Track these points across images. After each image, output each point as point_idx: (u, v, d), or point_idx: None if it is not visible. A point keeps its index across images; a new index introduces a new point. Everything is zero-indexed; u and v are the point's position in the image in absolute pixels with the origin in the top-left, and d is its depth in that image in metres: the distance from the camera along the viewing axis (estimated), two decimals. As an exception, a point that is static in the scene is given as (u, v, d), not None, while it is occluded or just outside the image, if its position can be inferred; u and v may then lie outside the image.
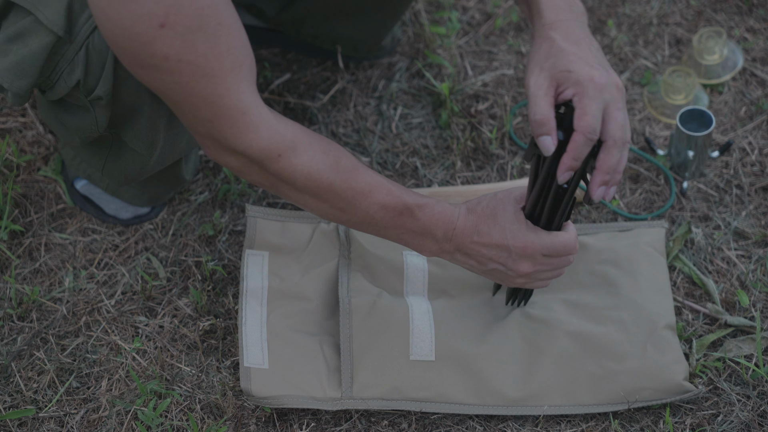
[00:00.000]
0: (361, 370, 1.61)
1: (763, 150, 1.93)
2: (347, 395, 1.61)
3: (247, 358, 1.63)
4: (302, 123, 1.95)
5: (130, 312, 1.74)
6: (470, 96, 1.99)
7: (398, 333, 1.63)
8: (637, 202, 1.87)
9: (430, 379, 1.62)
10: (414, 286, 1.70)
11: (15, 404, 1.65)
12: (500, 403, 1.63)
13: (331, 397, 1.61)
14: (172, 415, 1.64)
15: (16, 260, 1.78)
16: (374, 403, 1.61)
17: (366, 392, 1.61)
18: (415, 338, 1.63)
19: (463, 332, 1.65)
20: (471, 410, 1.62)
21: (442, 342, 1.63)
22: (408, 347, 1.62)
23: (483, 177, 1.89)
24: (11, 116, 1.94)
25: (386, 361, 1.62)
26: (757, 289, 1.77)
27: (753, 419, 1.64)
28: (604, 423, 1.64)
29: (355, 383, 1.61)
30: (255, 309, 1.67)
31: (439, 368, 1.62)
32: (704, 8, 2.11)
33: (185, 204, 1.85)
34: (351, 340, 1.62)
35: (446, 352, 1.63)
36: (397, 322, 1.64)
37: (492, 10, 2.11)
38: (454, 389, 1.63)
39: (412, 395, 1.62)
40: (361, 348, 1.62)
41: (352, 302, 1.64)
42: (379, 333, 1.63)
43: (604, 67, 1.41)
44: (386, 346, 1.62)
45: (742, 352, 1.70)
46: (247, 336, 1.65)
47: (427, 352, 1.63)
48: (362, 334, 1.63)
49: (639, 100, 1.99)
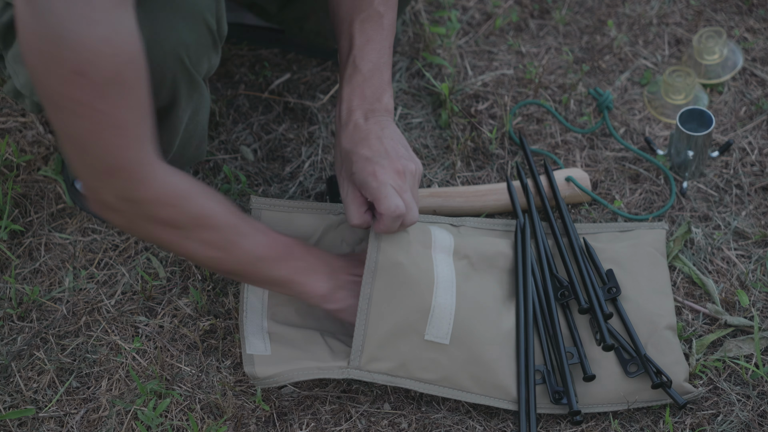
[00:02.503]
0: (373, 340, 1.58)
1: (763, 150, 1.93)
2: (354, 365, 1.58)
3: (248, 347, 1.62)
4: (302, 123, 1.95)
5: (130, 312, 1.74)
6: (470, 96, 1.99)
7: (419, 308, 1.59)
8: (637, 202, 1.87)
9: (440, 362, 1.60)
10: (443, 244, 1.67)
11: (15, 404, 1.65)
12: (502, 397, 1.62)
13: (337, 366, 1.59)
14: (172, 415, 1.64)
15: (16, 260, 1.78)
16: (380, 378, 1.59)
17: (373, 365, 1.59)
18: (434, 318, 1.60)
19: (482, 313, 1.63)
20: (473, 399, 1.61)
21: (459, 324, 1.60)
22: (425, 325, 1.59)
23: (483, 177, 1.89)
24: (11, 116, 1.94)
25: (400, 335, 1.58)
26: (756, 289, 1.77)
27: (753, 419, 1.64)
28: (604, 423, 1.64)
29: (365, 353, 1.58)
30: (255, 302, 1.66)
31: (450, 353, 1.60)
32: (704, 8, 2.11)
33: (185, 204, 1.85)
34: (370, 302, 1.58)
35: (462, 335, 1.60)
36: (421, 295, 1.59)
37: (492, 10, 2.11)
38: (461, 376, 1.61)
39: (418, 375, 1.60)
40: (378, 314, 1.58)
41: (380, 260, 1.58)
42: (399, 304, 1.59)
43: (385, 156, 1.54)
44: (404, 320, 1.58)
45: (742, 352, 1.70)
46: (248, 326, 1.64)
47: (443, 335, 1.60)
48: (382, 301, 1.58)
49: (639, 100, 1.99)
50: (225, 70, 2.00)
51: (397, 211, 1.52)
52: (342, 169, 1.58)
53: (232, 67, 2.01)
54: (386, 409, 1.65)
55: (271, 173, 1.89)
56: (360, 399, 1.66)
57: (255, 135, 1.93)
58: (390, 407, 1.66)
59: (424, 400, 1.66)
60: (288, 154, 1.91)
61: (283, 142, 1.93)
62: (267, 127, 1.94)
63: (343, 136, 1.58)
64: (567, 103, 1.98)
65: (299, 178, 1.88)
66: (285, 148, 1.92)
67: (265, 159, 1.91)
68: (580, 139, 1.94)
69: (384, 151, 1.55)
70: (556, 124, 1.96)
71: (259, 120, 1.95)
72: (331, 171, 1.89)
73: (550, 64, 2.04)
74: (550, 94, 2.00)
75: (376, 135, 1.56)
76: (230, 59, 2.02)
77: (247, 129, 1.94)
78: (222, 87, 1.98)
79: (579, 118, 1.97)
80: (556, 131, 1.95)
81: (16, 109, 1.94)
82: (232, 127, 1.94)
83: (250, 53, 2.03)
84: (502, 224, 1.79)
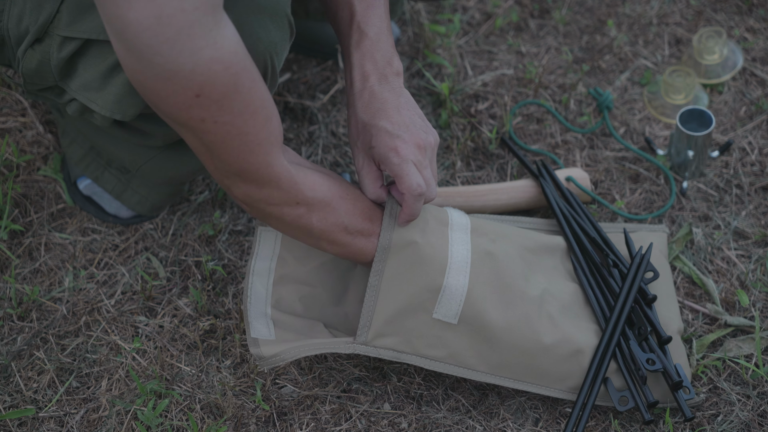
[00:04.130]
0: (381, 316, 1.56)
1: (763, 150, 1.93)
2: (361, 339, 1.57)
3: (253, 330, 1.60)
4: (302, 123, 1.95)
5: (130, 312, 1.74)
6: (470, 96, 1.99)
7: (429, 288, 1.57)
8: (637, 202, 1.87)
9: (447, 339, 1.58)
10: (459, 222, 1.65)
11: (15, 404, 1.65)
12: (510, 376, 1.61)
13: (343, 341, 1.57)
14: (172, 415, 1.64)
15: (16, 260, 1.78)
16: (386, 353, 1.57)
17: (379, 341, 1.57)
18: (444, 298, 1.57)
19: (495, 294, 1.60)
20: (480, 377, 1.60)
21: (470, 305, 1.58)
22: (435, 304, 1.57)
23: (483, 177, 1.89)
24: (11, 116, 1.94)
25: (408, 312, 1.57)
26: (756, 289, 1.77)
27: (753, 419, 1.64)
28: (604, 423, 1.64)
29: (372, 329, 1.57)
30: (260, 289, 1.65)
31: (458, 332, 1.58)
32: (704, 8, 2.11)
33: (185, 204, 1.85)
34: (381, 278, 1.56)
35: (470, 317, 1.58)
36: (432, 274, 1.57)
37: (492, 10, 2.11)
38: (467, 354, 1.59)
39: (424, 352, 1.58)
40: (388, 290, 1.56)
41: (393, 238, 1.56)
42: (410, 282, 1.57)
43: (406, 129, 1.52)
44: (413, 299, 1.57)
45: (742, 352, 1.70)
46: (252, 312, 1.63)
47: (452, 315, 1.58)
48: (394, 278, 1.57)
49: (639, 100, 1.99)
50: (225, 70, 2.01)
51: (419, 190, 1.51)
52: (358, 140, 1.56)
53: (232, 67, 2.01)
54: (386, 409, 1.65)
55: (271, 173, 1.89)
56: (360, 399, 1.66)
57: (255, 135, 1.93)
58: (390, 407, 1.66)
59: (424, 399, 1.66)
60: (288, 154, 1.91)
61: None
62: (267, 127, 1.94)
63: (359, 105, 1.56)
64: (567, 103, 1.98)
65: (299, 178, 1.88)
66: (285, 148, 1.92)
67: (265, 159, 1.91)
68: (580, 139, 1.94)
69: (404, 123, 1.53)
70: (556, 124, 1.96)
71: (259, 120, 1.95)
72: (332, 170, 1.89)
73: (550, 64, 2.04)
74: (550, 94, 2.00)
75: (394, 105, 1.54)
76: (230, 59, 2.02)
77: (247, 129, 1.94)
78: (222, 87, 1.98)
79: (579, 118, 1.97)
80: (556, 131, 1.95)
81: (17, 108, 1.94)
82: (232, 127, 1.94)
83: (250, 53, 2.03)
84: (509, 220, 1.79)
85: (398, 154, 1.51)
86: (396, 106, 1.54)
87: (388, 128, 1.52)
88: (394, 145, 1.51)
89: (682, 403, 1.61)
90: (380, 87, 1.56)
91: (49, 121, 1.91)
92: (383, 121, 1.53)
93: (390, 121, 1.52)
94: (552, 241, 1.73)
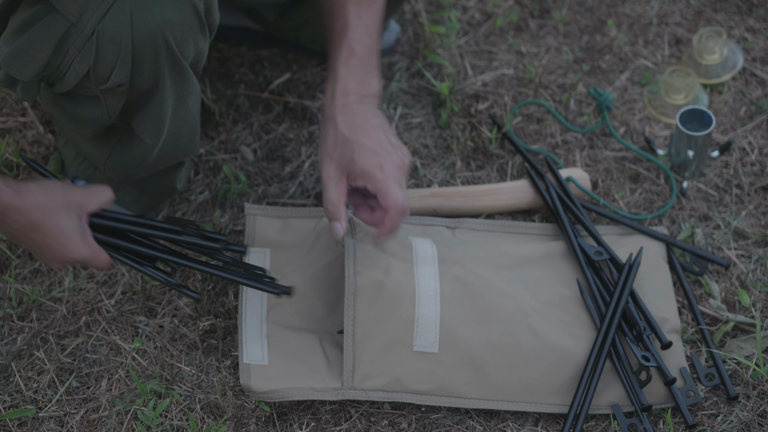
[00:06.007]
0: (364, 359, 1.60)
1: (763, 150, 1.93)
2: (348, 385, 1.60)
3: (246, 354, 1.63)
4: (302, 123, 1.95)
5: (130, 312, 1.74)
6: (470, 96, 1.99)
7: (403, 321, 1.61)
8: (637, 201, 1.87)
9: (433, 371, 1.61)
10: (424, 255, 1.67)
11: (15, 404, 1.65)
12: (501, 397, 1.62)
13: (332, 387, 1.60)
14: (172, 415, 1.64)
15: (16, 260, 1.78)
16: (375, 395, 1.61)
17: (367, 383, 1.60)
18: (419, 329, 1.61)
19: (471, 316, 1.62)
20: (471, 404, 1.62)
21: (446, 331, 1.61)
22: (412, 337, 1.61)
23: (483, 177, 1.89)
24: (11, 116, 1.94)
25: (389, 350, 1.60)
26: (757, 289, 1.77)
27: (753, 419, 1.64)
28: (604, 423, 1.64)
29: (357, 373, 1.60)
30: (255, 305, 1.67)
31: (441, 360, 1.61)
32: (704, 8, 2.11)
33: (185, 204, 1.85)
34: (355, 323, 1.60)
35: (450, 342, 1.61)
36: (403, 308, 1.61)
37: (492, 10, 2.11)
38: (456, 382, 1.61)
39: (413, 387, 1.61)
40: (365, 333, 1.60)
41: (359, 282, 1.61)
42: (383, 319, 1.61)
43: (385, 149, 1.58)
44: (390, 335, 1.60)
45: (742, 352, 1.70)
46: (247, 332, 1.65)
47: (430, 344, 1.61)
48: (367, 319, 1.61)
49: (639, 100, 1.99)
50: (225, 70, 2.00)
51: (404, 206, 1.56)
52: (334, 152, 1.60)
53: (232, 67, 2.01)
54: (386, 409, 1.65)
55: (271, 173, 1.89)
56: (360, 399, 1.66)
57: (255, 135, 1.93)
58: (390, 407, 1.66)
59: (424, 400, 1.66)
60: (288, 154, 1.91)
61: (283, 142, 1.93)
62: (267, 126, 1.94)
63: (340, 119, 1.60)
64: (567, 103, 1.98)
65: (299, 178, 1.88)
66: (285, 148, 1.92)
67: (265, 159, 1.91)
68: (580, 139, 1.94)
69: (382, 143, 1.58)
70: (556, 124, 1.96)
71: (259, 120, 1.95)
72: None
73: (550, 64, 2.04)
74: (550, 94, 2.00)
75: (372, 125, 1.60)
76: (230, 59, 2.02)
77: (246, 129, 1.94)
78: (222, 87, 1.98)
79: (579, 118, 1.97)
80: (556, 131, 1.95)
81: (17, 108, 1.94)
82: (232, 127, 1.94)
83: (250, 53, 2.03)
84: (502, 225, 1.79)
85: (383, 171, 1.56)
86: (375, 126, 1.60)
87: (371, 146, 1.58)
88: (378, 162, 1.56)
89: (684, 410, 1.61)
90: (360, 106, 1.62)
91: (49, 121, 1.91)
92: (365, 138, 1.58)
93: (370, 139, 1.58)
94: (538, 250, 1.73)
